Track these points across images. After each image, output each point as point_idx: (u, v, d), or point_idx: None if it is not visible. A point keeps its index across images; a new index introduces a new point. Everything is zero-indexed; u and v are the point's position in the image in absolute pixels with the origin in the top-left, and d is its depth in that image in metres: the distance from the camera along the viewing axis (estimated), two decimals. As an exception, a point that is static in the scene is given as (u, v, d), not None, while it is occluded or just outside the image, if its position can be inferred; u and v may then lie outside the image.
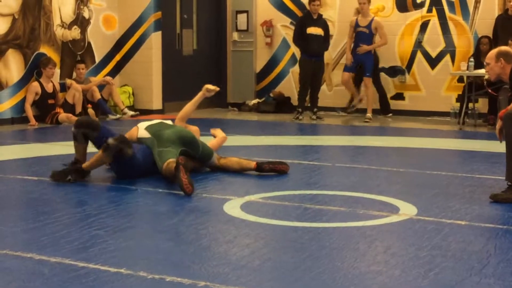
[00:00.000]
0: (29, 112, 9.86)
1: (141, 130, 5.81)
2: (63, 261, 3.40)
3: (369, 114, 10.55)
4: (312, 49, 10.64)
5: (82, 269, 3.27)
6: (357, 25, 10.64)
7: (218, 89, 6.21)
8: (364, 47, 10.52)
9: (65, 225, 4.12)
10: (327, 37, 10.80)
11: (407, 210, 4.57)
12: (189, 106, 6.24)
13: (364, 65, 10.64)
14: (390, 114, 11.04)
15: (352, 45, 10.71)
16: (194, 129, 6.13)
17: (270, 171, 5.80)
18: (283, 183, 5.56)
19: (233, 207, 4.62)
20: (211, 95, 6.25)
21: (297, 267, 3.35)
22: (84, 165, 5.51)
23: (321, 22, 10.80)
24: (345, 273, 3.26)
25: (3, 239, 3.82)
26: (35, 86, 9.94)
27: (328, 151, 7.40)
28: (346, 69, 10.77)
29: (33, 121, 9.75)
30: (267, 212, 4.56)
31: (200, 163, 5.87)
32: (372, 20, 10.60)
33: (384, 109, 11.12)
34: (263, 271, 3.31)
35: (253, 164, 5.82)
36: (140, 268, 3.28)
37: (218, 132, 6.34)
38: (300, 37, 10.74)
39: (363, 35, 10.62)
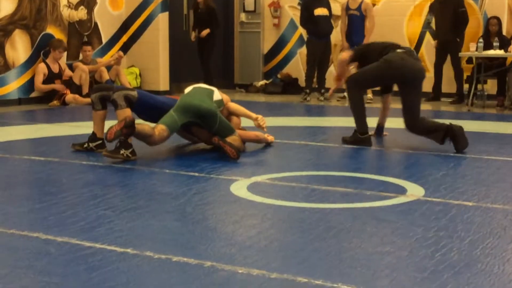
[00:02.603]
0: (44, 86, 9.90)
1: (191, 87, 5.98)
2: (69, 240, 3.40)
3: (369, 95, 10.54)
4: (321, 30, 10.61)
5: (89, 249, 3.27)
6: (348, 8, 10.59)
7: (265, 130, 6.22)
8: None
9: (71, 205, 4.12)
10: (331, 16, 10.77)
11: (415, 191, 4.55)
12: (240, 111, 6.20)
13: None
14: None
15: (346, 29, 10.67)
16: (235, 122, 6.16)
17: (218, 146, 5.63)
18: (290, 164, 5.55)
19: (240, 187, 4.61)
20: (256, 126, 6.21)
21: (304, 247, 3.34)
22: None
23: (326, 2, 10.76)
24: (352, 253, 3.25)
25: (10, 219, 3.83)
26: (42, 67, 9.94)
27: (335, 132, 7.37)
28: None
29: (59, 86, 9.88)
30: (274, 193, 4.55)
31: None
32: (361, 2, 10.52)
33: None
34: (269, 251, 3.30)
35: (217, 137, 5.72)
36: (147, 248, 3.28)
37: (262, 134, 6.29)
38: (308, 20, 10.69)
39: (355, 18, 10.58)
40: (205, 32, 11.20)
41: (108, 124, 5.94)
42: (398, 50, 6.37)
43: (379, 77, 6.40)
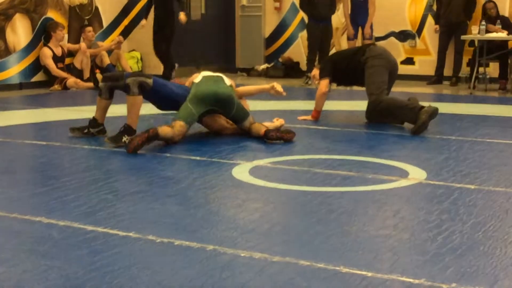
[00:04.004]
0: (61, 72, 9.87)
1: (199, 76, 5.94)
2: (72, 224, 3.40)
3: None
4: (319, 13, 10.56)
5: (91, 233, 3.28)
6: None
7: (284, 94, 6.30)
8: (368, 31, 10.55)
9: (73, 189, 4.12)
10: (333, 0, 10.72)
11: (417, 174, 4.55)
12: (251, 90, 6.33)
13: (363, 29, 10.63)
14: None
15: (350, 13, 10.67)
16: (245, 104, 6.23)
17: (277, 139, 5.73)
18: (292, 148, 5.55)
19: (241, 171, 4.61)
20: (274, 94, 6.31)
21: (306, 231, 3.35)
22: (128, 122, 5.51)
23: None
24: (354, 237, 3.25)
25: (12, 203, 3.83)
26: (47, 50, 9.91)
27: (337, 115, 7.37)
28: (350, 38, 10.73)
29: (72, 78, 9.84)
30: (276, 176, 4.55)
31: (233, 122, 5.93)
32: None
33: None
34: (272, 235, 3.30)
35: (262, 130, 5.77)
36: (149, 232, 3.28)
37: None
38: (307, 3, 10.65)
39: (358, 1, 10.56)
40: (184, 17, 10.41)
41: (113, 109, 5.93)
42: (375, 47, 6.88)
43: (386, 72, 6.65)
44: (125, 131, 5.45)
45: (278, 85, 6.25)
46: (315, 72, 7.12)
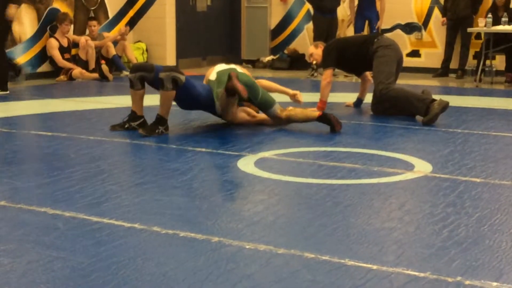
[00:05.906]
0: (66, 63, 9.87)
1: (213, 73, 5.94)
2: (77, 215, 3.41)
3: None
4: (325, 6, 10.52)
5: (96, 224, 3.28)
6: None
7: (301, 103, 6.36)
8: (380, 26, 10.58)
9: (79, 180, 4.13)
10: None
11: (422, 167, 4.54)
12: (273, 87, 6.37)
13: (370, 22, 10.60)
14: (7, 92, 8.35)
15: (358, 5, 10.64)
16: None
17: (329, 123, 5.79)
18: (297, 140, 5.54)
19: (247, 163, 4.60)
20: (293, 101, 6.39)
21: (311, 223, 3.34)
22: (160, 113, 5.56)
23: None
24: (359, 229, 3.25)
25: (18, 193, 3.84)
26: (54, 41, 9.90)
27: (342, 107, 7.35)
28: (357, 30, 10.69)
29: (77, 69, 9.83)
30: (281, 168, 4.55)
31: (260, 109, 6.00)
32: None
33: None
34: (276, 227, 3.30)
35: (316, 113, 5.88)
36: (154, 223, 3.28)
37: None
38: None
39: None
40: (15, 9, 8.33)
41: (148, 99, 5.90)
42: (384, 37, 6.92)
43: (395, 63, 6.69)
44: (158, 122, 5.53)
45: (301, 95, 6.35)
46: (312, 50, 7.12)
